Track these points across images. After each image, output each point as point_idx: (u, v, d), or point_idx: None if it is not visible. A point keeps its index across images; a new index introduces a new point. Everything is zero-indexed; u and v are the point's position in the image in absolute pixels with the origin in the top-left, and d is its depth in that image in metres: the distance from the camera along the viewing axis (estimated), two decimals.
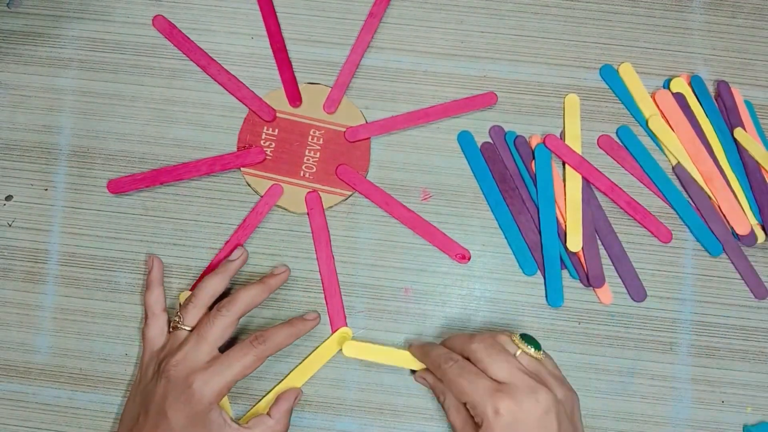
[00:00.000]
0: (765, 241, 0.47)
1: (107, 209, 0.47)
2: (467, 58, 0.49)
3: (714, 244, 0.46)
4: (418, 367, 0.44)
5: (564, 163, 0.47)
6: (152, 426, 0.38)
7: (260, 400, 0.45)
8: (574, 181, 0.47)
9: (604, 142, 0.48)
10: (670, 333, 0.46)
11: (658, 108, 0.48)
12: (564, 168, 0.47)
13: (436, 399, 0.43)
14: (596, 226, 0.47)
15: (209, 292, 0.42)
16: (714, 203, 0.47)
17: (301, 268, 0.47)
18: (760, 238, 0.47)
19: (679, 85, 0.48)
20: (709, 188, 0.47)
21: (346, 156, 0.48)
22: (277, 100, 0.48)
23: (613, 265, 0.47)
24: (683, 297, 0.46)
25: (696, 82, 0.48)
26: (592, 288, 0.46)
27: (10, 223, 0.47)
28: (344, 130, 0.48)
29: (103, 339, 0.46)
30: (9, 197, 0.48)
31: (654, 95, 0.48)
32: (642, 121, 0.48)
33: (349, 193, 0.47)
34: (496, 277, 0.47)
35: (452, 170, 0.48)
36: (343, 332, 0.46)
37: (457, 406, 0.39)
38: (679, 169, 0.47)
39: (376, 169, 0.48)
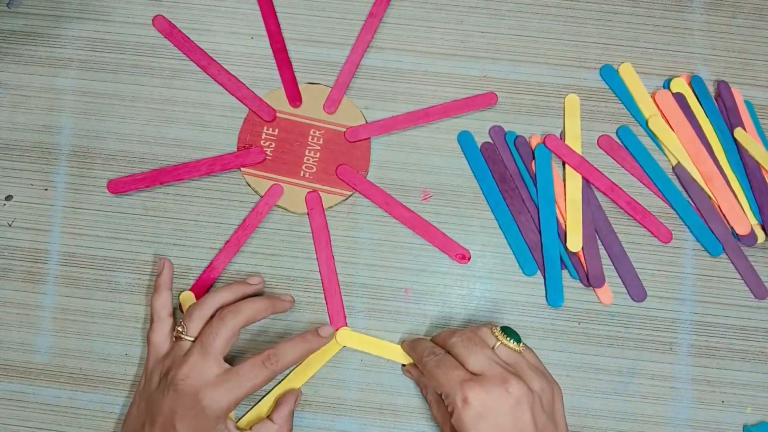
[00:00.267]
0: (765, 241, 0.47)
1: (107, 209, 0.47)
2: (467, 58, 0.49)
3: (714, 244, 0.46)
4: (409, 361, 0.44)
5: (564, 163, 0.47)
6: None
7: (260, 400, 0.45)
8: (574, 181, 0.47)
9: (604, 142, 0.48)
10: (670, 333, 0.46)
11: (658, 108, 0.48)
12: (564, 168, 0.47)
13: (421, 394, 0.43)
14: (596, 226, 0.47)
15: (216, 304, 0.42)
16: (714, 203, 0.47)
17: (301, 268, 0.47)
18: (760, 238, 0.47)
19: (679, 85, 0.48)
20: (709, 188, 0.47)
21: (346, 156, 0.48)
22: (277, 100, 0.48)
23: (613, 265, 0.47)
24: (683, 297, 0.46)
25: (696, 82, 0.48)
26: (592, 288, 0.46)
27: (10, 223, 0.47)
28: (344, 130, 0.48)
29: (103, 339, 0.46)
30: (9, 197, 0.48)
31: (654, 95, 0.48)
32: (642, 121, 0.48)
33: (349, 193, 0.47)
34: (496, 277, 0.47)
35: (452, 170, 0.48)
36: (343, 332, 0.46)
37: (438, 400, 0.40)
38: (679, 169, 0.47)
39: (376, 169, 0.48)
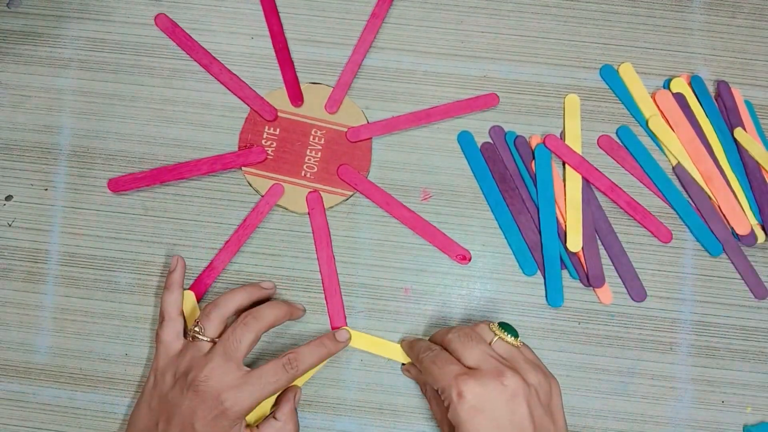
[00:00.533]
0: (765, 241, 0.47)
1: (107, 209, 0.47)
2: (467, 58, 0.49)
3: (714, 244, 0.46)
4: (407, 360, 0.45)
5: (564, 163, 0.47)
6: None
7: None
8: (574, 181, 0.47)
9: (604, 142, 0.48)
10: (670, 333, 0.46)
11: (658, 108, 0.48)
12: (564, 168, 0.47)
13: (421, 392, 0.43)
14: (596, 226, 0.47)
15: (233, 306, 0.42)
16: (714, 203, 0.47)
17: (302, 268, 0.47)
18: (760, 238, 0.47)
19: (679, 85, 0.48)
20: (709, 188, 0.47)
21: (348, 156, 0.48)
22: (279, 100, 0.48)
23: (613, 265, 0.47)
24: (683, 297, 0.46)
25: (696, 82, 0.48)
26: (592, 288, 0.46)
27: (10, 223, 0.47)
28: (346, 130, 0.48)
29: (103, 339, 0.46)
30: (9, 197, 0.48)
31: (654, 95, 0.48)
32: (642, 121, 0.48)
33: (350, 194, 0.47)
34: (496, 277, 0.47)
35: (452, 170, 0.48)
36: None
37: (436, 397, 0.40)
38: (679, 169, 0.47)
39: (376, 169, 0.48)
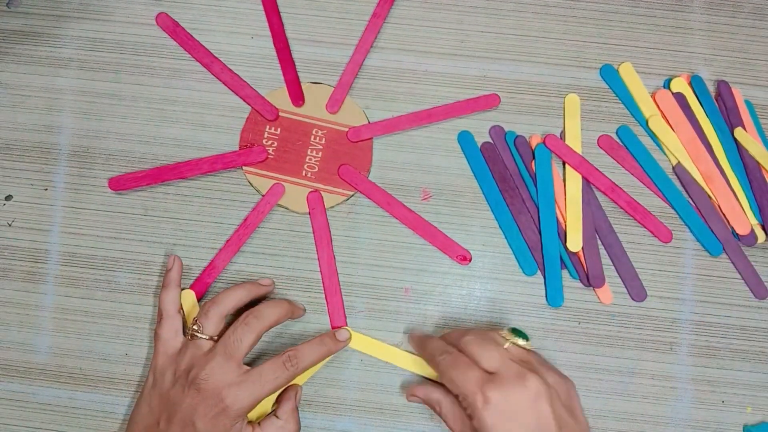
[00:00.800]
0: (765, 241, 0.47)
1: (107, 209, 0.47)
2: (467, 58, 0.49)
3: (714, 244, 0.46)
4: (408, 364, 0.45)
5: (564, 163, 0.47)
6: None
7: None
8: (574, 181, 0.47)
9: (604, 142, 0.48)
10: (670, 333, 0.46)
11: (659, 108, 0.48)
12: (564, 168, 0.47)
13: (433, 411, 0.43)
14: (596, 226, 0.47)
15: (232, 304, 0.42)
16: (714, 203, 0.47)
17: (302, 268, 0.47)
18: (760, 238, 0.47)
19: (679, 85, 0.48)
20: (709, 188, 0.47)
21: (349, 156, 0.48)
22: (280, 100, 0.48)
23: (613, 265, 0.47)
24: (683, 297, 0.46)
25: (696, 82, 0.48)
26: (592, 288, 0.46)
27: (10, 223, 0.47)
28: (347, 129, 0.48)
29: (103, 339, 0.46)
30: (9, 197, 0.48)
31: (654, 95, 0.48)
32: (642, 121, 0.48)
33: (351, 193, 0.47)
34: (496, 277, 0.47)
35: (452, 170, 0.48)
36: None
37: (453, 412, 0.40)
38: (679, 169, 0.47)
39: (377, 168, 0.48)
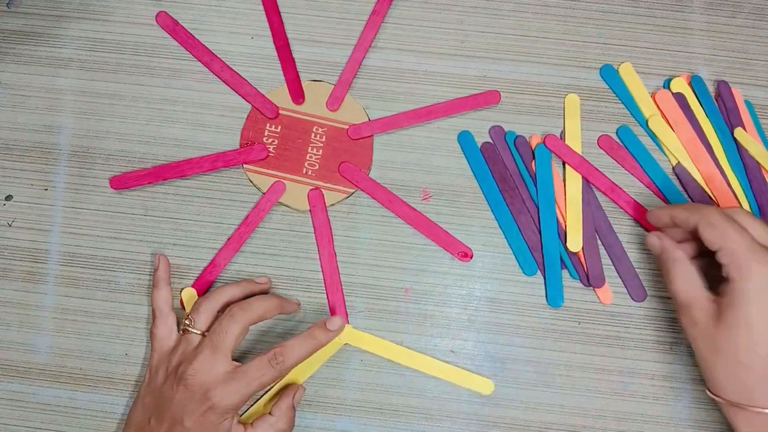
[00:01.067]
0: None
1: (107, 209, 0.47)
2: (467, 58, 0.49)
3: None
4: (409, 362, 0.45)
5: (564, 163, 0.47)
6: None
7: (260, 397, 0.45)
8: (574, 181, 0.47)
9: (604, 142, 0.48)
10: (670, 333, 0.46)
11: (658, 108, 0.48)
12: (564, 168, 0.47)
13: (659, 268, 0.41)
14: (596, 226, 0.47)
15: (224, 299, 0.43)
16: (714, 203, 0.47)
17: (303, 267, 0.47)
18: None
19: (679, 85, 0.48)
20: (709, 188, 0.47)
21: (349, 153, 0.48)
22: (280, 98, 0.48)
23: (613, 265, 0.46)
24: None
25: (696, 82, 0.48)
26: (592, 288, 0.46)
27: (10, 223, 0.47)
28: (347, 127, 0.48)
29: (103, 339, 0.46)
30: (9, 197, 0.48)
31: (654, 95, 0.48)
32: (642, 121, 0.48)
33: (352, 191, 0.47)
34: (496, 277, 0.47)
35: (452, 170, 0.48)
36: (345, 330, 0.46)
37: (688, 272, 0.39)
38: (679, 169, 0.47)
39: (376, 168, 0.48)
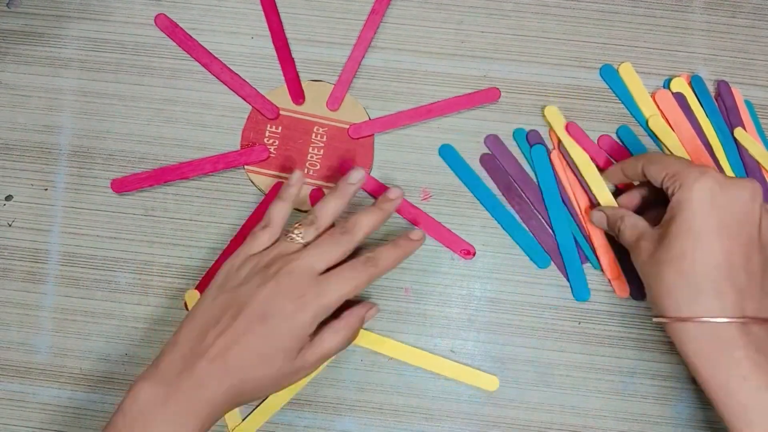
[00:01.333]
0: None
1: (107, 209, 0.47)
2: (467, 58, 0.49)
3: None
4: (412, 361, 0.44)
5: (570, 161, 0.47)
6: (244, 330, 0.37)
7: (260, 404, 0.45)
8: (587, 167, 0.46)
9: (604, 142, 0.48)
10: None
11: (658, 108, 0.48)
12: (573, 162, 0.47)
13: (611, 231, 0.43)
14: None
15: (330, 214, 0.41)
16: None
17: None
18: None
19: (679, 85, 0.48)
20: None
21: (350, 153, 0.48)
22: (280, 98, 0.48)
23: (618, 262, 0.46)
24: None
25: (696, 82, 0.48)
26: (608, 281, 0.46)
27: (10, 223, 0.47)
28: (347, 127, 0.48)
29: (103, 339, 0.46)
30: (9, 197, 0.48)
31: (654, 95, 0.48)
32: (642, 121, 0.48)
33: None
34: (497, 277, 0.47)
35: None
36: None
37: (635, 218, 0.41)
38: None
39: (377, 169, 0.48)
